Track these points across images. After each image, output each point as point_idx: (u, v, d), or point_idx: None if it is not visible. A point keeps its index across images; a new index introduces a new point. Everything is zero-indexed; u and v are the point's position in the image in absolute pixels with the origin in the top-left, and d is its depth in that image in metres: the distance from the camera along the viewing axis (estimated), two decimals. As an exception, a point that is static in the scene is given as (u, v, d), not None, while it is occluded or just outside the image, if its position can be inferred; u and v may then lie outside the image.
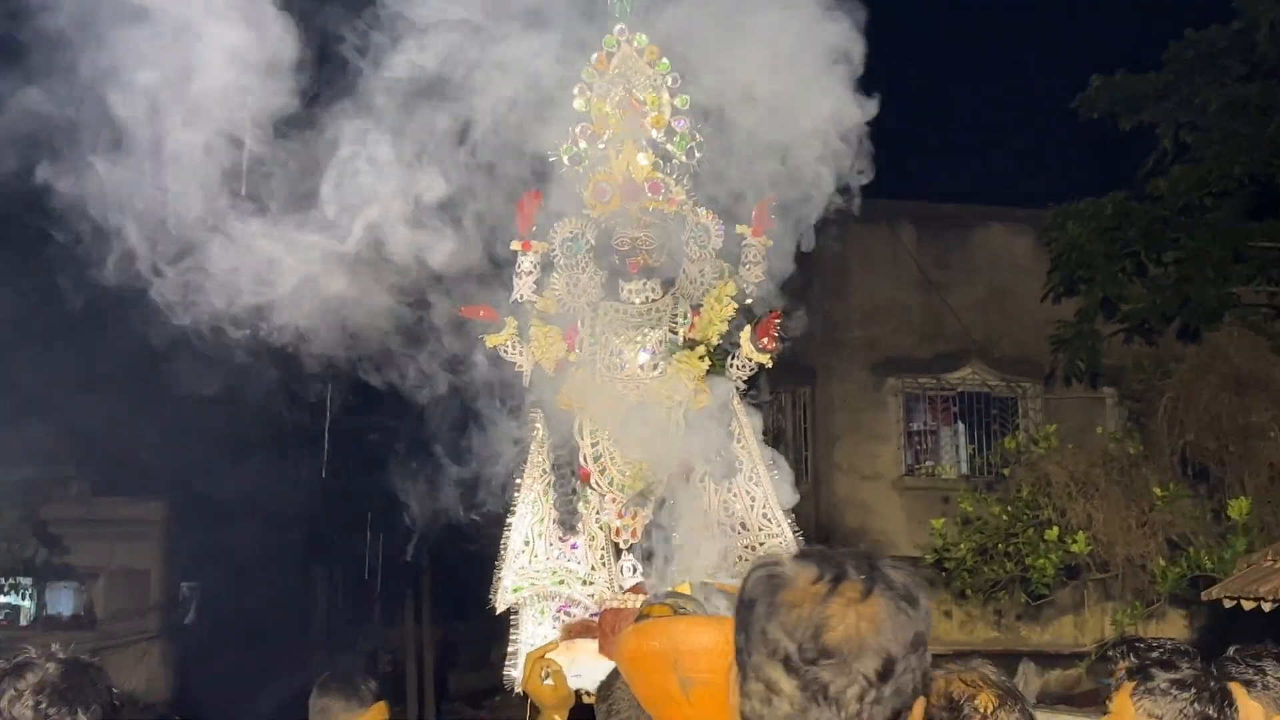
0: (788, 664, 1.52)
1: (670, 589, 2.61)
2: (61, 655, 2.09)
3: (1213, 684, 3.00)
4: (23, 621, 24.00)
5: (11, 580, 19.72)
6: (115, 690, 2.10)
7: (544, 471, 3.60)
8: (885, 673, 1.52)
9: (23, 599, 24.24)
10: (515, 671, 3.34)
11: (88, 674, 2.07)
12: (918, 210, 16.48)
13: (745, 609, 1.61)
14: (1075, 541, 11.78)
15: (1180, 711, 2.90)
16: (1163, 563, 11.74)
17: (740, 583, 2.26)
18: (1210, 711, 2.91)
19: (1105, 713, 3.14)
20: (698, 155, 3.79)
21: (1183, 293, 13.90)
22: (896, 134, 3.47)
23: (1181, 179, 13.99)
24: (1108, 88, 14.57)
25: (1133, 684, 3.00)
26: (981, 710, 2.46)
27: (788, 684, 1.53)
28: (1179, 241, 14.20)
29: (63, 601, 24.68)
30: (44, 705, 1.98)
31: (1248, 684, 3.26)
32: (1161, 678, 2.97)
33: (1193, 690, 2.92)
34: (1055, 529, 11.90)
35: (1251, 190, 14.06)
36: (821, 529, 14.05)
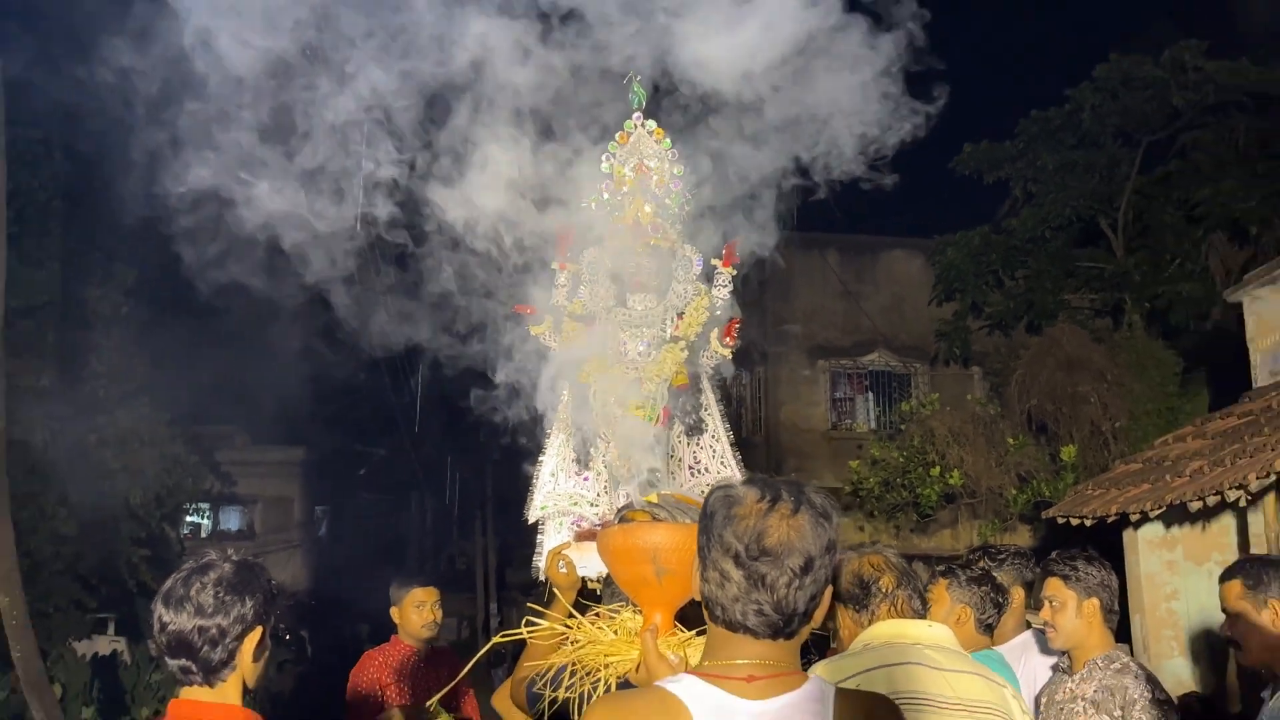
0: (737, 559, 1.53)
1: (646, 499, 2.62)
2: (234, 557, 2.07)
3: (995, 580, 3.21)
4: (203, 535, 24.06)
5: (195, 505, 19.84)
6: (273, 582, 2.11)
7: (566, 424, 3.62)
8: (806, 568, 1.53)
9: (202, 519, 24.29)
10: (540, 563, 3.41)
11: (253, 571, 2.05)
12: (840, 240, 16.40)
13: (707, 518, 1.59)
14: (952, 477, 11.81)
15: (982, 598, 3.11)
16: (1014, 492, 11.76)
17: (699, 498, 2.29)
18: (999, 599, 3.15)
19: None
20: (687, 208, 3.81)
21: (1029, 299, 13.94)
22: (828, 185, 3.47)
23: (1028, 218, 14.01)
24: (976, 152, 14.56)
25: (946, 581, 3.14)
26: (884, 589, 2.38)
27: (736, 573, 1.53)
28: (1026, 263, 14.22)
29: (231, 520, 24.72)
30: (222, 594, 1.97)
31: (1064, 577, 3.14)
32: (963, 575, 3.15)
33: (986, 584, 3.14)
34: (938, 468, 11.92)
35: (1079, 226, 14.07)
36: (770, 469, 14.05)
